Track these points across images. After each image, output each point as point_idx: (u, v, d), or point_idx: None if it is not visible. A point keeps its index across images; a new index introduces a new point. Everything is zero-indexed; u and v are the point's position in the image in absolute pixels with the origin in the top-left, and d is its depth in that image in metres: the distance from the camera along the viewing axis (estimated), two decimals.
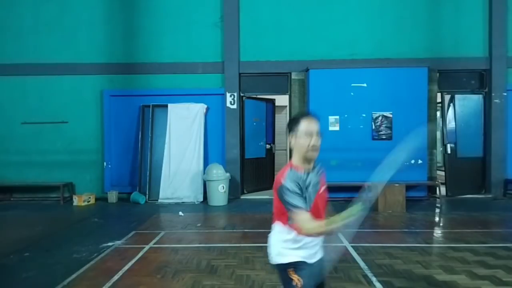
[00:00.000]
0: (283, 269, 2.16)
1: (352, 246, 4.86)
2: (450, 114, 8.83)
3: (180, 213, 7.13)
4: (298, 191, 1.99)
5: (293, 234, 2.10)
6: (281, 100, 10.74)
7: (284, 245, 2.15)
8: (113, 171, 8.93)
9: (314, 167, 2.15)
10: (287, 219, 2.09)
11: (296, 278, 2.10)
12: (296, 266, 2.12)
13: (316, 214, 2.06)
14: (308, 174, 2.08)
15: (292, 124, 2.11)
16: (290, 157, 2.52)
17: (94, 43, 8.99)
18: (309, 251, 2.15)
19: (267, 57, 8.87)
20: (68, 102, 8.94)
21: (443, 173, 9.14)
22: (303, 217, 1.95)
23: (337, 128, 8.42)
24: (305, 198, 2.01)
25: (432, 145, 8.65)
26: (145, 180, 8.67)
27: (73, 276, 3.98)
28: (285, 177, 2.03)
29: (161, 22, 8.95)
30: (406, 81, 8.37)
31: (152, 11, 8.96)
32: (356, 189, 7.93)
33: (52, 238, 5.55)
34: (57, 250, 4.93)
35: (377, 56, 8.72)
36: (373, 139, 8.38)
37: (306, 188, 2.04)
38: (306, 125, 2.05)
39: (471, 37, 8.77)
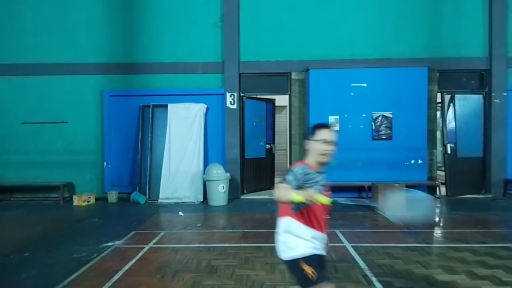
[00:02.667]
0: (295, 263, 2.28)
1: (352, 246, 4.86)
2: (450, 114, 8.83)
3: (180, 213, 7.13)
4: (299, 178, 2.26)
5: (299, 225, 2.31)
6: (281, 100, 10.74)
7: (292, 238, 2.32)
8: (113, 171, 8.93)
9: (322, 173, 2.43)
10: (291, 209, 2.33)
11: (310, 271, 2.22)
12: (308, 258, 2.26)
13: (317, 211, 2.32)
14: (317, 173, 2.38)
15: (313, 130, 2.44)
16: (290, 157, 2.76)
17: (94, 43, 8.99)
18: (316, 244, 2.33)
19: (267, 57, 8.87)
20: (68, 102, 8.94)
21: (443, 173, 9.14)
22: (282, 185, 2.22)
23: (337, 128, 8.41)
24: (300, 188, 2.23)
25: (432, 145, 8.65)
26: (145, 180, 8.67)
27: (73, 276, 3.98)
28: (296, 167, 2.36)
29: (161, 22, 8.95)
30: (406, 81, 8.38)
31: (152, 11, 8.96)
32: (356, 189, 8.01)
33: (52, 238, 5.54)
34: (57, 250, 4.93)
35: (377, 56, 8.72)
36: (373, 139, 8.38)
37: (313, 183, 2.31)
38: (322, 134, 2.37)
39: (471, 37, 8.77)
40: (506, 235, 5.55)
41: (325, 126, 2.45)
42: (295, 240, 2.32)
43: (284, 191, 2.15)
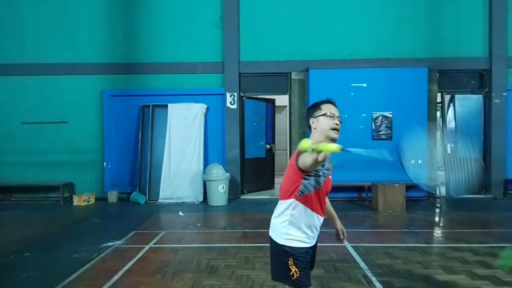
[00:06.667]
0: (282, 251, 2.18)
1: (352, 246, 4.86)
2: (450, 114, 8.84)
3: (180, 213, 7.13)
4: None
5: (295, 212, 2.16)
6: (281, 100, 10.74)
7: (286, 225, 2.19)
8: (113, 171, 8.93)
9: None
10: (293, 195, 2.15)
11: (294, 269, 2.14)
12: (294, 254, 2.15)
13: (322, 194, 2.19)
14: None
15: (314, 108, 2.23)
16: (290, 157, 2.48)
17: (94, 43, 8.99)
18: (308, 235, 2.20)
19: (267, 57, 8.87)
20: (68, 102, 8.95)
21: (443, 173, 9.13)
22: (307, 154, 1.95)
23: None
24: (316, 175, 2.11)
25: (432, 145, 8.65)
26: (145, 180, 8.67)
27: (73, 276, 3.98)
28: None
29: (161, 22, 8.95)
30: (406, 81, 8.37)
31: (152, 11, 8.96)
32: (356, 189, 7.99)
33: (52, 238, 5.54)
34: (57, 250, 4.93)
35: (377, 56, 8.72)
36: (373, 139, 8.38)
37: (321, 167, 2.13)
38: (328, 108, 2.18)
39: (471, 37, 8.77)
40: (506, 235, 5.54)
41: (329, 101, 2.25)
42: (288, 228, 2.19)
43: (306, 155, 1.95)
